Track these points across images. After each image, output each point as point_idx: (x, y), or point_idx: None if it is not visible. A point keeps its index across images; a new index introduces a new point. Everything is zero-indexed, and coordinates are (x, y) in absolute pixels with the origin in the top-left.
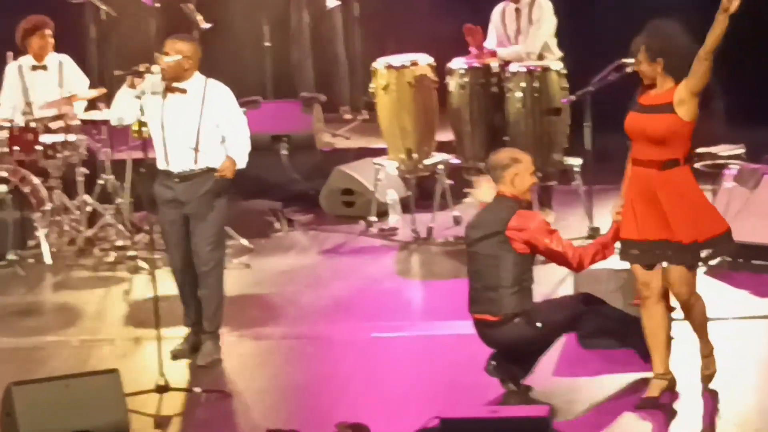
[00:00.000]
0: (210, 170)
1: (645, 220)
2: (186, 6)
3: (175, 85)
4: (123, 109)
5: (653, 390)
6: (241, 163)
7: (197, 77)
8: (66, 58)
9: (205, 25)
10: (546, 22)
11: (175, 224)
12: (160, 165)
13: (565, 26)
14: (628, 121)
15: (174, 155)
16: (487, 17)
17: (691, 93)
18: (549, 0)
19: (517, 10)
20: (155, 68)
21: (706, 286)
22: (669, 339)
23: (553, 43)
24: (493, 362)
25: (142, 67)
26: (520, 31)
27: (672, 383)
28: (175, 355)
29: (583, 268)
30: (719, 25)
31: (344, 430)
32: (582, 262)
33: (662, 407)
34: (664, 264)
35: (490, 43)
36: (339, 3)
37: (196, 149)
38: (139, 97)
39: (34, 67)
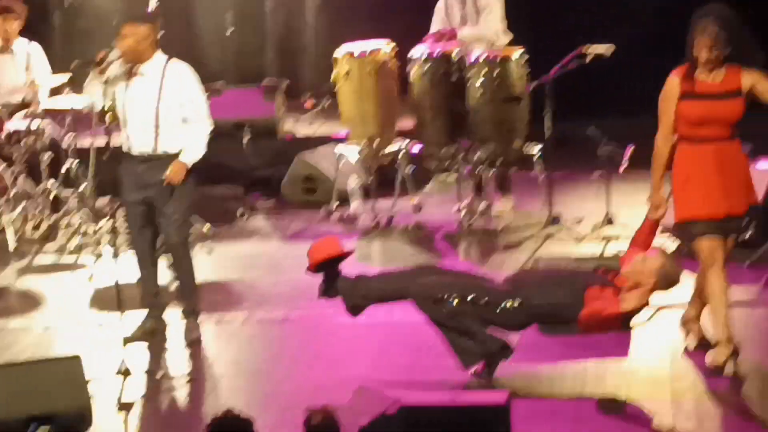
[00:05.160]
0: (176, 153)
1: (713, 195)
2: None
3: (135, 68)
4: (93, 93)
5: (719, 356)
6: (198, 153)
7: (158, 58)
8: (35, 47)
9: (153, 5)
10: (496, 5)
11: (137, 207)
12: (124, 148)
13: (526, 14)
14: (695, 109)
15: (135, 138)
16: None
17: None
18: None
19: None
20: (113, 54)
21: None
22: (728, 306)
23: (503, 25)
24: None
25: (101, 54)
26: (466, 19)
27: (736, 350)
28: (130, 340)
29: None
30: None
31: (315, 414)
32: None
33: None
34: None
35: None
36: None
37: (156, 132)
38: (107, 82)
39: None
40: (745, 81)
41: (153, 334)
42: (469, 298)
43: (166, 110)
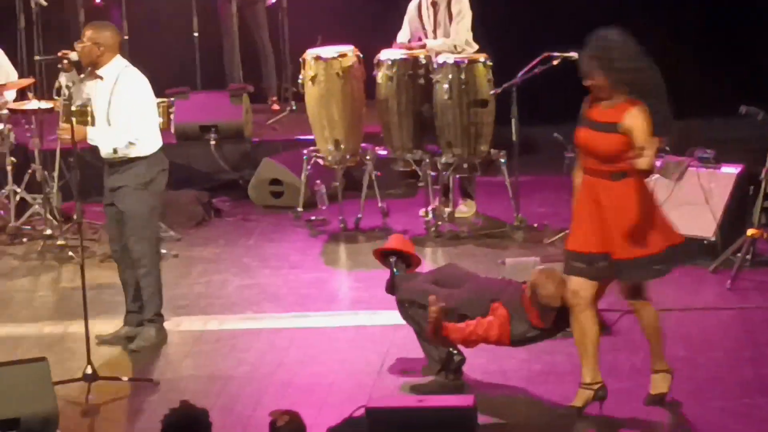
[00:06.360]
0: (132, 160)
1: (591, 231)
2: None
3: (93, 71)
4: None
5: (577, 400)
6: (100, 142)
7: (114, 64)
8: None
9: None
10: (467, 14)
11: (109, 210)
12: None
13: (492, 19)
14: (578, 137)
15: (98, 141)
16: None
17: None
18: None
19: (434, 4)
20: (73, 55)
21: None
22: (596, 348)
23: (470, 36)
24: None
25: (62, 53)
26: (438, 25)
27: (600, 393)
28: (101, 341)
29: None
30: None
31: (280, 416)
32: None
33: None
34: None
35: (403, 37)
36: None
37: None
38: (73, 83)
39: None
40: (626, 119)
41: (125, 338)
42: (418, 303)
43: (115, 117)
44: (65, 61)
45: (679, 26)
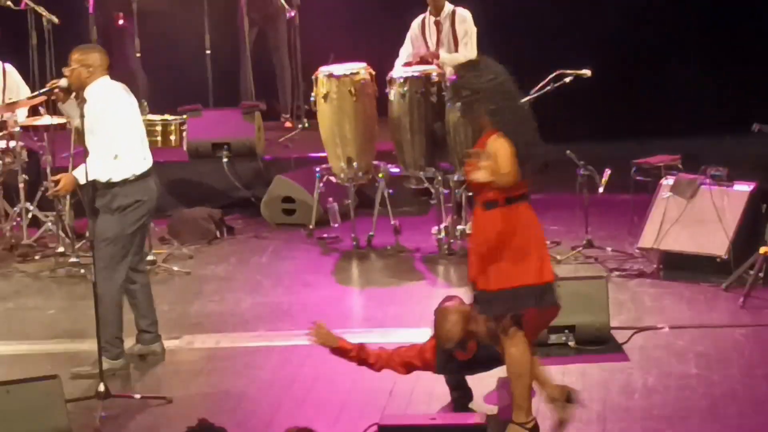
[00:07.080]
0: (114, 184)
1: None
2: None
3: (81, 94)
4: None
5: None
6: (89, 172)
7: (96, 85)
8: (9, 67)
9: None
10: (473, 33)
11: None
12: None
13: (504, 37)
14: None
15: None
16: None
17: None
18: (467, 10)
19: (437, 23)
20: (62, 81)
21: (639, 294)
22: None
23: (476, 53)
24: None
25: (52, 82)
26: (441, 44)
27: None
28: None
29: None
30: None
31: None
32: None
33: None
34: None
35: (405, 53)
36: (293, 13)
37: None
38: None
39: None
40: (489, 147)
41: (139, 357)
42: None
43: (88, 137)
44: (56, 90)
45: (686, 43)
